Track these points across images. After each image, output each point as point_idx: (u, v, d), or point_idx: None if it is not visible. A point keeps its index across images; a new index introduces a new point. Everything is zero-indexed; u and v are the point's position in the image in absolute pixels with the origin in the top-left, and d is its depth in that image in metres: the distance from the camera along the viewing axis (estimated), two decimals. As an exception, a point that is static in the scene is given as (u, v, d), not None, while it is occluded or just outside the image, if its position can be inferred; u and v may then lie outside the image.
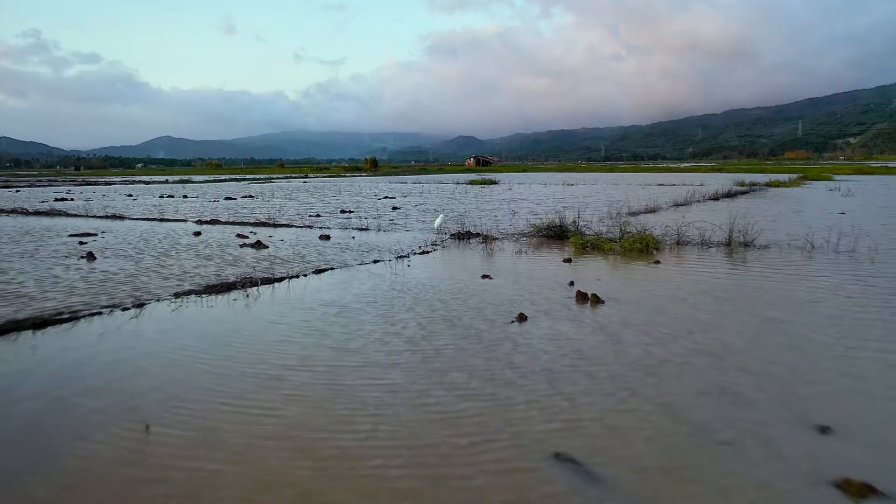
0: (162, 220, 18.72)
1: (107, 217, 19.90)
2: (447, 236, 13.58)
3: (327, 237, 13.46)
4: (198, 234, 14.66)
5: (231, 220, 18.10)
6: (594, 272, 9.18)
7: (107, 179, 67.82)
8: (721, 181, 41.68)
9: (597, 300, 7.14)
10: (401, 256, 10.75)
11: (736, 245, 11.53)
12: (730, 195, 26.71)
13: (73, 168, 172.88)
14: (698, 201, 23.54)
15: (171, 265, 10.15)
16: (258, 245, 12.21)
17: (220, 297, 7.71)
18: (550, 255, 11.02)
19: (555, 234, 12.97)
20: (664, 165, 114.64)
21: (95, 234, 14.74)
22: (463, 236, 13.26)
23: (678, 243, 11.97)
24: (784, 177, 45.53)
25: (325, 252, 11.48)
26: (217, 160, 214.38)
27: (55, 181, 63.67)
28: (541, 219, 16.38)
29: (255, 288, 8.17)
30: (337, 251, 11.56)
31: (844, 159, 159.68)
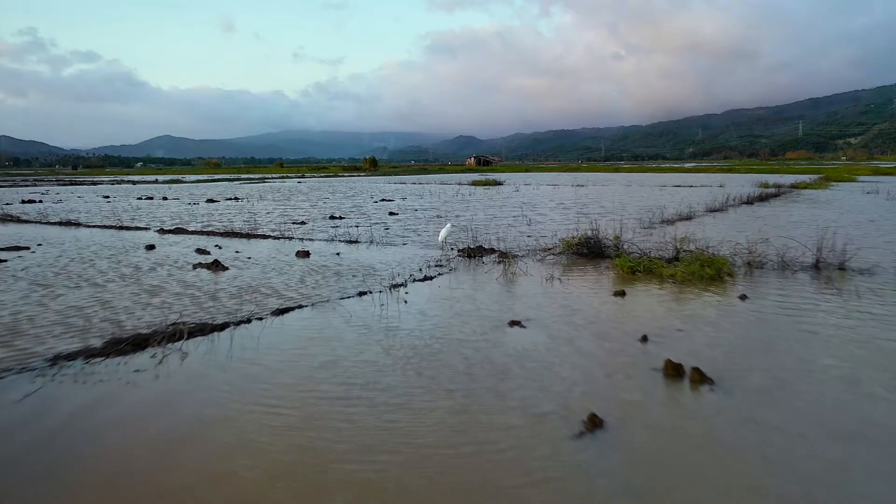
0: (121, 227, 16.13)
1: (61, 224, 17.32)
2: (454, 252, 11.01)
3: (306, 254, 10.87)
4: (151, 248, 12.08)
5: (200, 228, 15.52)
6: (665, 314, 6.59)
7: (94, 179, 65.23)
8: (739, 182, 39.16)
9: (700, 378, 4.55)
10: (395, 285, 8.16)
11: (827, 268, 8.96)
12: (763, 199, 24.14)
13: (70, 167, 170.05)
14: (732, 206, 20.98)
15: (92, 299, 7.58)
16: (216, 267, 9.62)
17: (119, 363, 5.13)
18: (591, 282, 8.44)
19: (589, 252, 10.39)
20: (669, 165, 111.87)
21: (27, 248, 12.16)
22: (474, 253, 10.69)
23: (749, 264, 9.39)
24: (805, 178, 42.93)
25: (299, 277, 8.90)
26: (217, 159, 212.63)
27: (42, 181, 61.20)
28: (567, 229, 13.82)
29: (180, 343, 5.59)
30: (314, 276, 8.98)
31: (846, 159, 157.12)
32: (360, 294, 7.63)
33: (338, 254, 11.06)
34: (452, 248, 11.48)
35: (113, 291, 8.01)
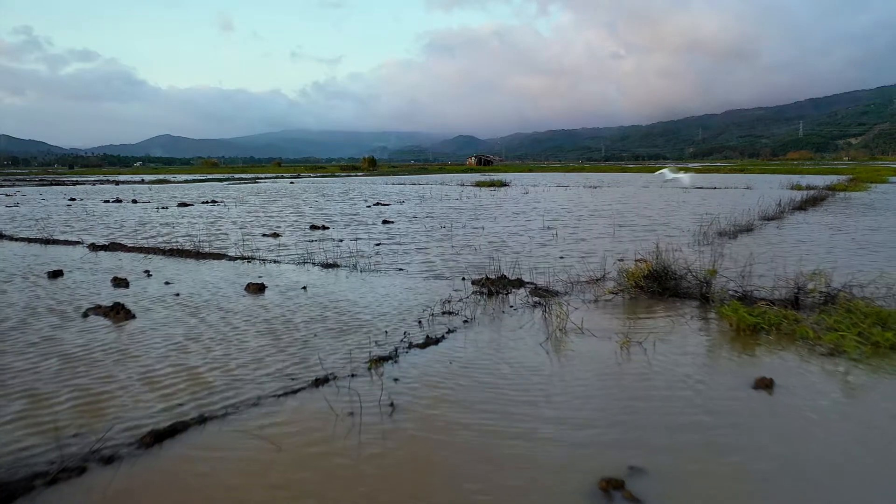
0: (48, 241, 12.98)
1: (-19, 236, 14.19)
2: (470, 287, 7.87)
3: (260, 289, 7.74)
4: (57, 275, 8.96)
5: (141, 243, 12.37)
6: (883, 448, 3.46)
7: (77, 179, 62.06)
8: (761, 183, 36.09)
9: None
10: (379, 359, 5.02)
11: None
12: (814, 203, 21.04)
13: (68, 167, 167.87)
14: (785, 212, 17.86)
15: None
16: (117, 315, 6.47)
17: None
18: (698, 352, 5.28)
19: (662, 289, 7.24)
20: (673, 166, 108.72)
21: None
22: (496, 287, 7.56)
23: (909, 312, 6.26)
24: (823, 178, 39.83)
25: (233, 340, 5.77)
26: (216, 159, 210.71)
27: (24, 180, 58.41)
28: (611, 248, 10.70)
29: None
30: (258, 335, 5.84)
31: (848, 160, 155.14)
32: (317, 382, 4.48)
33: (304, 288, 7.92)
34: (464, 279, 8.35)
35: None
